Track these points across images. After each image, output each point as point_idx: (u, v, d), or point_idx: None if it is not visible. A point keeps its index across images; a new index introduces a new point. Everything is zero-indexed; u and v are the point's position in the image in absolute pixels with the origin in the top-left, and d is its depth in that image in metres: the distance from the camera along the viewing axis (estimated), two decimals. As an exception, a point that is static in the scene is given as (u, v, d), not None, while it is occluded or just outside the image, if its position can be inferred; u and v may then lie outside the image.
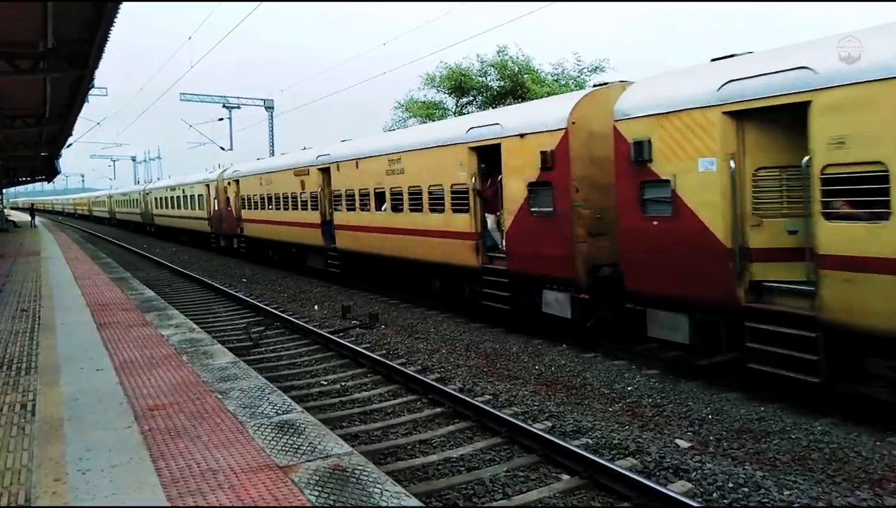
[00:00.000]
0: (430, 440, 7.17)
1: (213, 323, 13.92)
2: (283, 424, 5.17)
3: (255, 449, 4.66)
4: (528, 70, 34.69)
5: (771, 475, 5.99)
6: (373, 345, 11.46)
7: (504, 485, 5.99)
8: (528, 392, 8.66)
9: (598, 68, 34.74)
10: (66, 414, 5.49)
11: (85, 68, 12.16)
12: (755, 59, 7.91)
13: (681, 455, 6.45)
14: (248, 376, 6.66)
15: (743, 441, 6.83)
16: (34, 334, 8.93)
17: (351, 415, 8.06)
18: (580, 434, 7.12)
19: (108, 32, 10.44)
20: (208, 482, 4.12)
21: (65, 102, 16.87)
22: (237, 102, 43.31)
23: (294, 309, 15.29)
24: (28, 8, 9.29)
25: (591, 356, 10.25)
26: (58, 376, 6.73)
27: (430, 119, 34.19)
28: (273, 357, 11.13)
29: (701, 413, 7.65)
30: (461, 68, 35.91)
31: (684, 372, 9.07)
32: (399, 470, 6.28)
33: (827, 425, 7.11)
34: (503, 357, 10.46)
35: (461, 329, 12.54)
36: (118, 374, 6.69)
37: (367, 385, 9.38)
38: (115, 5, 9.32)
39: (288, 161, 22.06)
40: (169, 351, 7.76)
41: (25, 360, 7.46)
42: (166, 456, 4.54)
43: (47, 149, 29.72)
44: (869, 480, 5.87)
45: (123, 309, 10.87)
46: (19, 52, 11.43)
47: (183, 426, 5.15)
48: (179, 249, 33.25)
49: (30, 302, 11.71)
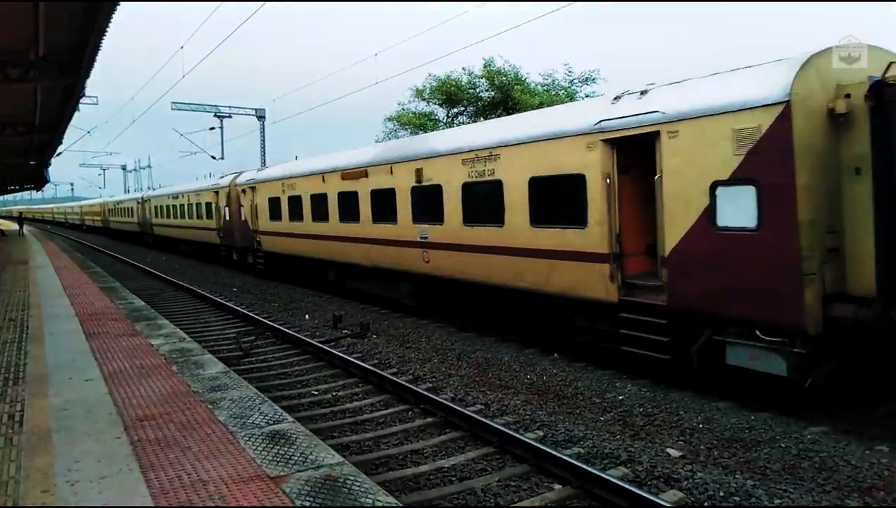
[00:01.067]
0: (421, 450, 7.15)
1: (203, 332, 13.84)
2: (274, 434, 5.15)
3: (245, 460, 4.63)
4: (518, 81, 34.86)
5: (762, 483, 6.02)
6: (364, 355, 11.43)
7: (496, 495, 5.99)
8: (520, 401, 8.66)
9: (589, 79, 34.96)
10: (55, 425, 5.44)
11: (76, 77, 12.14)
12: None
13: (672, 465, 6.47)
14: (238, 386, 6.64)
15: (734, 451, 6.86)
16: (22, 344, 8.85)
17: (342, 425, 8.03)
18: (572, 443, 7.12)
19: (99, 41, 10.43)
20: (198, 492, 4.10)
21: (55, 111, 16.81)
22: (228, 112, 43.22)
23: (285, 319, 15.23)
24: (19, 16, 9.27)
25: (582, 365, 10.27)
26: (46, 386, 6.67)
27: (422, 129, 34.25)
28: (264, 367, 11.07)
29: (692, 422, 7.68)
30: (451, 79, 36.07)
31: (675, 381, 9.10)
32: (390, 480, 6.26)
33: (817, 434, 7.16)
34: (495, 366, 10.46)
35: (453, 338, 12.53)
36: (107, 384, 6.65)
37: (359, 394, 9.35)
38: (108, 14, 9.32)
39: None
40: (159, 361, 7.71)
41: (13, 370, 7.39)
42: (156, 467, 4.51)
43: (37, 157, 29.56)
44: (858, 488, 5.91)
45: (113, 319, 10.80)
46: (10, 60, 11.40)
47: (173, 436, 5.12)
48: (171, 259, 33.05)
49: (18, 312, 11.61)
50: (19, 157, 27.96)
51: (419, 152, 13.98)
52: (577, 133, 9.79)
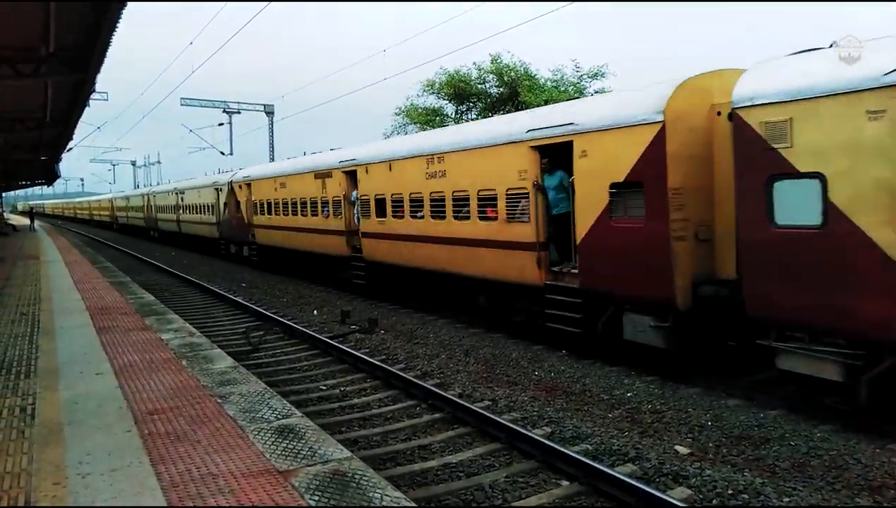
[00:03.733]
0: (429, 445, 7.17)
1: (212, 327, 13.92)
2: (282, 429, 5.17)
3: (254, 454, 4.65)
4: (527, 77, 34.73)
5: (770, 482, 5.99)
6: (372, 350, 11.46)
7: (503, 491, 5.99)
8: (528, 397, 8.66)
9: (599, 74, 34.75)
10: (66, 418, 5.48)
11: (86, 73, 12.19)
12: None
13: (680, 462, 6.45)
14: (247, 380, 6.66)
15: (742, 448, 6.83)
16: (34, 338, 8.93)
17: (350, 420, 8.06)
18: (579, 440, 7.11)
19: (109, 37, 10.47)
20: (208, 486, 4.12)
21: (66, 107, 16.90)
22: (237, 107, 43.32)
23: (293, 314, 15.29)
24: (30, 12, 9.32)
25: (591, 362, 10.25)
26: (57, 380, 6.72)
27: (429, 125, 34.22)
28: (273, 361, 11.12)
29: (700, 419, 7.65)
30: (460, 74, 35.99)
31: (683, 378, 9.07)
32: (398, 475, 6.27)
33: (826, 432, 7.11)
34: (502, 362, 10.46)
35: (460, 334, 12.53)
36: (118, 378, 6.69)
37: (367, 390, 9.38)
38: (117, 11, 9.35)
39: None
40: (168, 356, 7.76)
41: (25, 364, 7.46)
42: (166, 460, 4.53)
43: (47, 153, 29.76)
44: (869, 487, 5.87)
45: (123, 313, 10.86)
46: (21, 56, 11.46)
47: (183, 430, 5.15)
48: (179, 254, 33.22)
49: (29, 306, 11.70)
50: (30, 153, 28.15)
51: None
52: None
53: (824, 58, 7.15)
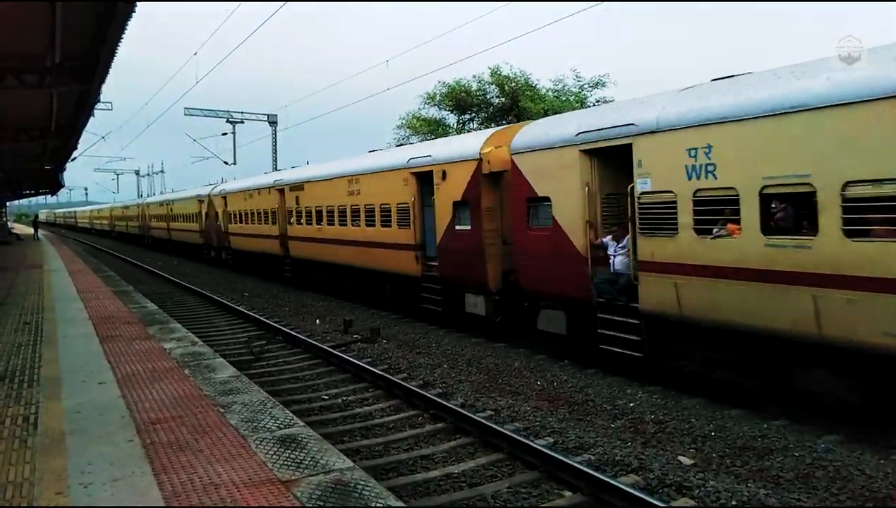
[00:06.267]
0: (431, 455, 7.15)
1: (214, 336, 13.91)
2: (285, 438, 5.17)
3: (257, 464, 4.65)
4: (528, 86, 34.81)
5: (774, 492, 5.96)
6: (374, 360, 11.45)
7: (506, 501, 5.97)
8: (530, 407, 8.64)
9: (599, 83, 34.85)
10: (68, 428, 5.49)
11: (91, 83, 12.28)
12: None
13: (684, 472, 6.42)
14: (249, 390, 6.66)
15: (746, 459, 6.80)
16: (37, 347, 8.94)
17: (353, 430, 8.04)
18: (582, 450, 7.09)
19: (114, 48, 10.55)
20: (210, 496, 4.12)
21: (70, 116, 17.02)
22: (241, 117, 43.41)
23: (296, 324, 15.29)
24: (36, 23, 9.40)
25: (593, 371, 10.23)
26: (60, 389, 6.73)
27: (432, 135, 34.29)
28: (275, 371, 11.12)
29: (703, 430, 7.63)
30: (461, 85, 36.08)
31: (687, 388, 9.04)
32: (401, 486, 6.25)
33: (830, 442, 7.08)
34: (505, 372, 10.44)
35: (463, 344, 12.52)
36: (120, 387, 6.70)
37: (369, 399, 9.36)
38: (122, 22, 9.42)
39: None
40: (171, 365, 7.76)
41: (28, 373, 7.47)
42: (168, 470, 4.53)
43: (51, 162, 29.89)
44: (873, 498, 5.84)
45: (126, 323, 10.88)
46: (26, 66, 11.55)
47: (185, 440, 5.15)
48: (181, 263, 33.30)
49: (32, 315, 11.72)
50: (34, 162, 28.29)
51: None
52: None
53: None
